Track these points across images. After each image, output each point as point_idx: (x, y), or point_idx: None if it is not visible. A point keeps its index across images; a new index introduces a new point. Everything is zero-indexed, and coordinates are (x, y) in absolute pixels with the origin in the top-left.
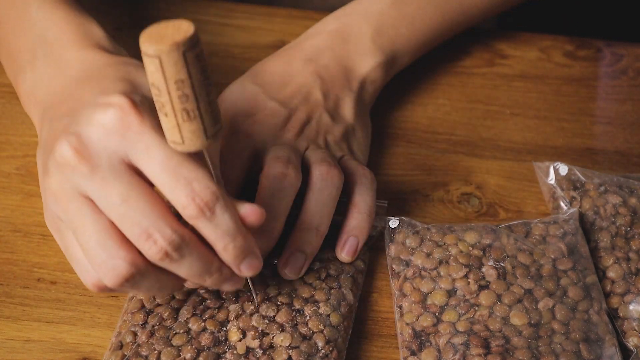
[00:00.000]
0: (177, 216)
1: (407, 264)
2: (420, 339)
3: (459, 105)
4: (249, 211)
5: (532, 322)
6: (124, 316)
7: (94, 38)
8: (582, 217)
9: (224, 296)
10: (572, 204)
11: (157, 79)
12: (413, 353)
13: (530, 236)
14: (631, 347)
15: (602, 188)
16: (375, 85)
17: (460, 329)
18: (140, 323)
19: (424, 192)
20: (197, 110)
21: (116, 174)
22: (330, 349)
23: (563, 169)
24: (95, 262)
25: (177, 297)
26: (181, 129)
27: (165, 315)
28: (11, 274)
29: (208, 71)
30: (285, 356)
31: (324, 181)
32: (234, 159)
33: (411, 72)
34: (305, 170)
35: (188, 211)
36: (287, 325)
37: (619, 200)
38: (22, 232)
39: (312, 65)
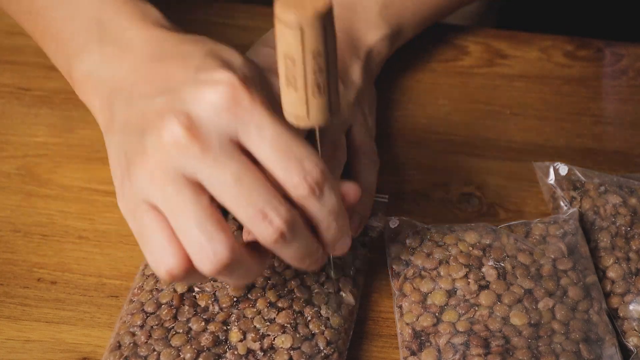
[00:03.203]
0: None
1: (407, 264)
2: (420, 339)
3: (459, 105)
4: (350, 189)
5: (532, 322)
6: (122, 317)
7: (152, 16)
8: (582, 217)
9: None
10: (572, 204)
11: (294, 49)
12: (413, 353)
13: (530, 236)
14: (631, 347)
15: (602, 188)
16: (380, 57)
17: (460, 329)
18: (139, 324)
19: (424, 192)
20: (327, 85)
21: (228, 154)
22: (332, 350)
23: (563, 169)
24: (194, 246)
25: (175, 300)
26: (309, 103)
27: (165, 315)
28: (11, 274)
29: (336, 44)
30: (286, 357)
31: (327, 162)
32: None
33: (411, 72)
34: None
35: (299, 190)
36: (288, 326)
37: (619, 200)
38: (22, 232)
39: None
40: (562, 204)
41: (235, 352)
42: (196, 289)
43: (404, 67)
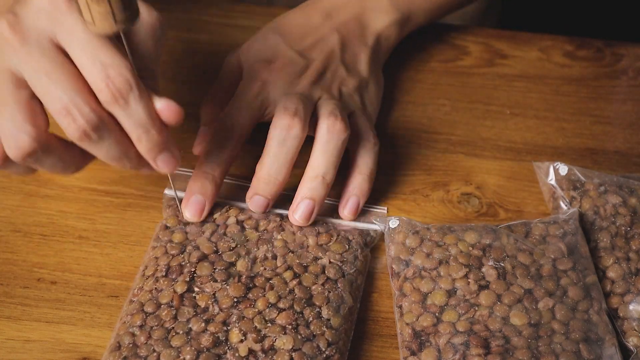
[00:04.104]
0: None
1: (407, 264)
2: (420, 339)
3: (459, 105)
4: (165, 106)
5: (532, 322)
6: (122, 318)
7: None
8: (582, 217)
9: (224, 300)
10: (572, 204)
11: None
12: (413, 353)
13: (530, 236)
14: (631, 347)
15: (602, 188)
16: (389, 42)
17: (460, 329)
18: (139, 324)
19: (424, 192)
20: None
21: (43, 50)
22: (333, 351)
23: (563, 169)
24: (3, 133)
25: (175, 301)
26: (90, 9)
27: (165, 316)
28: (11, 274)
29: None
30: (287, 358)
31: (330, 133)
32: (246, 103)
33: (411, 72)
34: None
35: (102, 96)
36: (288, 327)
37: (619, 200)
38: (22, 232)
39: (330, 20)
40: (562, 204)
41: (236, 354)
42: (196, 289)
43: (404, 67)
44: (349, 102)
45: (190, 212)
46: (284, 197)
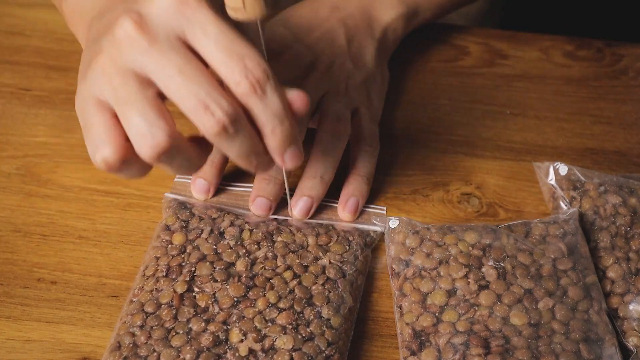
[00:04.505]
0: None
1: (407, 264)
2: (420, 339)
3: (459, 105)
4: (297, 96)
5: (532, 322)
6: (122, 318)
7: None
8: (582, 217)
9: (224, 301)
10: (572, 204)
11: None
12: (413, 353)
13: (530, 236)
14: (631, 347)
15: (602, 188)
16: (396, 35)
17: (460, 329)
18: (139, 324)
19: (424, 192)
20: None
21: (173, 48)
22: (333, 351)
23: (563, 169)
24: (135, 131)
25: (175, 301)
26: None
27: (165, 316)
28: (11, 274)
29: None
30: (287, 358)
31: (330, 136)
32: None
33: (411, 72)
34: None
35: (241, 88)
36: (288, 327)
37: (619, 200)
38: (22, 232)
39: (338, 13)
40: (562, 204)
41: (236, 354)
42: (196, 289)
43: (404, 67)
44: (355, 96)
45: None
46: (283, 201)
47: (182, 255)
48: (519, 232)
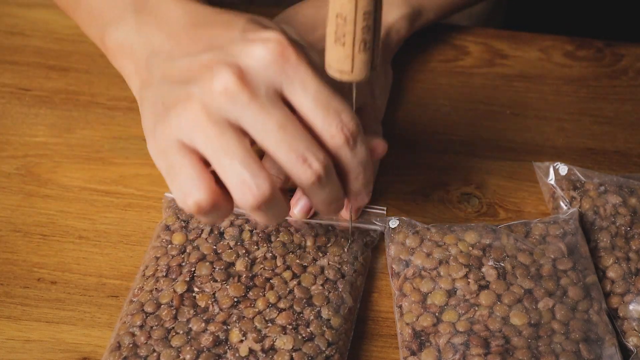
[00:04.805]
0: None
1: (407, 264)
2: (420, 339)
3: (459, 105)
4: (379, 144)
5: (532, 322)
6: (122, 318)
7: None
8: (582, 217)
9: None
10: (572, 204)
11: (347, 9)
12: (413, 353)
13: (530, 236)
14: (631, 347)
15: (602, 188)
16: (399, 35)
17: (460, 329)
18: (139, 324)
19: (424, 192)
20: (372, 42)
21: (273, 103)
22: (333, 351)
23: (563, 169)
24: (237, 180)
25: (175, 301)
26: (355, 59)
27: (165, 316)
28: (11, 274)
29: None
30: (287, 358)
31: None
32: None
33: (411, 72)
34: None
35: (335, 140)
36: (288, 327)
37: (619, 200)
38: (22, 232)
39: None
40: (562, 204)
41: (236, 354)
42: (196, 289)
43: (404, 67)
44: (359, 95)
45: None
46: None
47: (182, 255)
48: (519, 232)
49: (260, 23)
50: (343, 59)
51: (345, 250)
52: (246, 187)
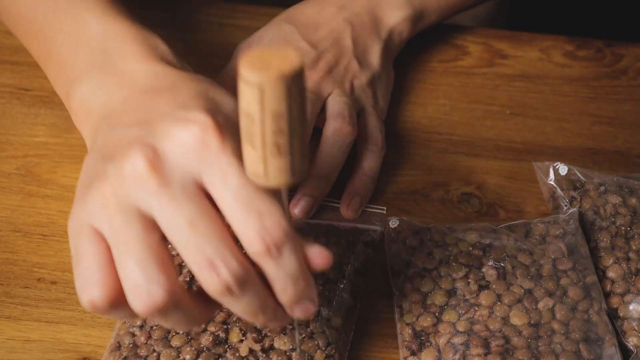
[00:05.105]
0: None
1: (407, 264)
2: (420, 339)
3: (459, 105)
4: (317, 255)
5: (532, 322)
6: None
7: (159, 51)
8: (582, 217)
9: None
10: (572, 204)
11: (253, 108)
12: (413, 353)
13: (530, 236)
14: (631, 347)
15: (602, 188)
16: (401, 37)
17: (460, 329)
18: (139, 324)
19: (424, 192)
20: (288, 147)
21: (187, 195)
22: (333, 351)
23: (563, 169)
24: (131, 282)
25: None
26: (267, 163)
27: None
28: (11, 274)
29: (306, 106)
30: (287, 358)
31: (336, 136)
32: None
33: (411, 72)
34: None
35: (254, 247)
36: (288, 327)
37: (619, 200)
38: (22, 232)
39: (344, 12)
40: (562, 204)
41: (236, 354)
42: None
43: (404, 67)
44: (361, 96)
45: None
46: None
47: None
48: (519, 232)
49: (208, 98)
50: (255, 161)
51: (346, 250)
52: (137, 292)
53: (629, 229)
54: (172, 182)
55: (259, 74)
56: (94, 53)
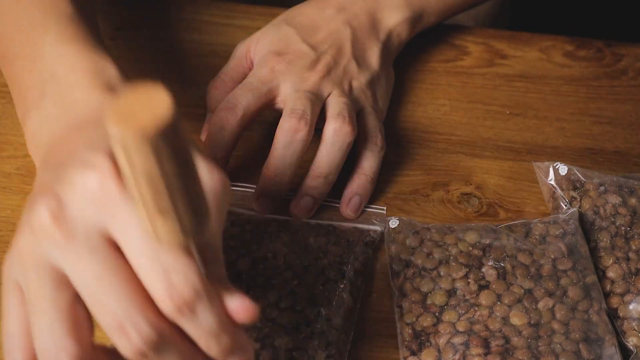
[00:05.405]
0: None
1: (407, 264)
2: (420, 339)
3: (459, 105)
4: (239, 307)
5: (532, 322)
6: None
7: (104, 78)
8: (582, 217)
9: None
10: (572, 204)
11: (124, 167)
12: (413, 353)
13: (530, 236)
14: (631, 347)
15: (602, 188)
16: (400, 39)
17: (460, 329)
18: None
19: (424, 192)
20: (171, 208)
21: (92, 249)
22: (333, 351)
23: (563, 169)
24: (39, 345)
25: None
26: (154, 224)
27: None
28: None
29: (190, 157)
30: (287, 358)
31: (336, 136)
32: (253, 86)
33: (411, 72)
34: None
35: (164, 306)
36: (289, 327)
37: (618, 200)
38: None
39: (343, 14)
40: (562, 204)
41: None
42: None
43: (404, 67)
44: (360, 97)
45: None
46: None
47: None
48: (519, 232)
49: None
50: (144, 219)
51: (346, 250)
52: (45, 354)
53: (628, 229)
54: (76, 235)
55: (120, 129)
56: (45, 80)
